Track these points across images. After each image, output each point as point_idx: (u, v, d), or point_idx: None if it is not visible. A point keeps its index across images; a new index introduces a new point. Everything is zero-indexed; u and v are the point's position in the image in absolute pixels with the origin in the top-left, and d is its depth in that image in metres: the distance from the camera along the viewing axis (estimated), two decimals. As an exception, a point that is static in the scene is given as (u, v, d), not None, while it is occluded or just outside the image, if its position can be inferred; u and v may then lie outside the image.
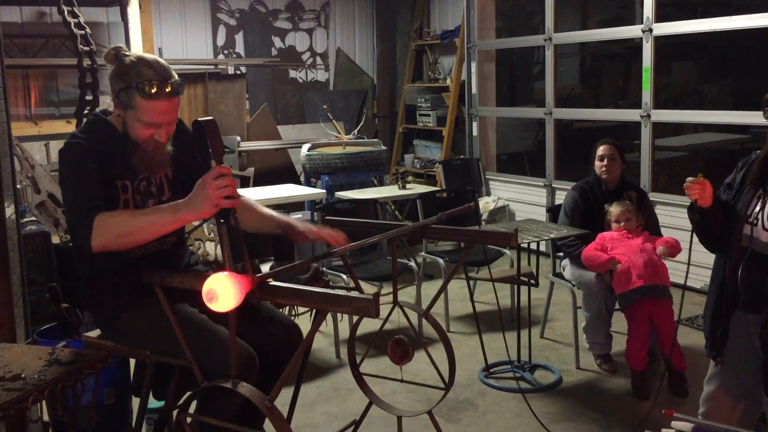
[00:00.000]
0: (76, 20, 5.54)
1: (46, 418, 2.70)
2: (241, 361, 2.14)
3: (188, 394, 2.25)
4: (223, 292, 1.87)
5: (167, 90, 2.19)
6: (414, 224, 2.64)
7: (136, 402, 2.56)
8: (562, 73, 7.23)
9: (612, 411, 3.49)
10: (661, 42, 5.50)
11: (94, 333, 2.53)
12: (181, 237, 2.52)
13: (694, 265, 4.69)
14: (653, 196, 5.34)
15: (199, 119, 2.02)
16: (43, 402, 2.20)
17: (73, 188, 2.19)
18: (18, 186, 3.49)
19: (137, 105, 2.20)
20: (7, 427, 2.30)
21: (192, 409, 2.25)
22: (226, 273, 1.89)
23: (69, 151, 2.23)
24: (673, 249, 3.73)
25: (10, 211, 2.82)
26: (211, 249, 6.00)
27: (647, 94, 5.49)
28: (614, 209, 3.93)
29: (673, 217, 5.22)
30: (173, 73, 2.25)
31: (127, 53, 2.24)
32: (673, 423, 1.62)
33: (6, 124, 2.84)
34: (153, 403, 2.74)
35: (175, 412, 2.28)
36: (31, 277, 4.00)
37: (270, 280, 1.97)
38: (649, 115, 5.50)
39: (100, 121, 2.32)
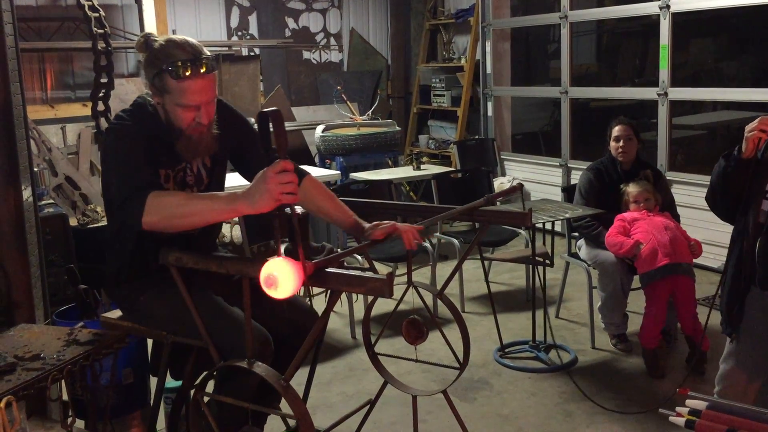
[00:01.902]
0: (90, 3, 5.54)
1: (65, 397, 2.73)
2: (256, 344, 2.15)
3: (205, 373, 2.27)
4: (283, 278, 1.83)
5: (199, 68, 2.13)
6: (463, 207, 2.60)
7: (154, 381, 2.59)
8: (577, 51, 7.16)
9: (627, 390, 3.49)
10: (679, 18, 5.42)
11: (112, 314, 2.56)
12: (213, 226, 2.47)
13: (711, 244, 4.67)
14: (670, 176, 5.30)
15: (264, 110, 1.93)
16: (63, 381, 2.23)
17: (122, 166, 2.13)
18: (35, 169, 3.52)
19: (172, 88, 2.14)
20: (28, 406, 2.34)
21: (209, 388, 2.27)
22: (283, 258, 1.84)
23: (116, 131, 2.20)
24: (699, 250, 3.71)
25: (27, 193, 2.84)
26: (227, 231, 6.03)
27: (664, 72, 5.43)
28: (632, 189, 3.89)
29: (690, 196, 5.17)
30: (204, 50, 2.18)
31: (155, 38, 2.18)
32: (688, 401, 1.61)
33: (22, 107, 2.86)
34: (170, 382, 2.78)
35: (192, 392, 2.31)
36: (49, 259, 4.04)
37: (324, 267, 1.92)
38: (666, 93, 5.44)
39: (146, 107, 2.27)
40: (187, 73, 2.11)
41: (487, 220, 2.71)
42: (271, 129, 1.91)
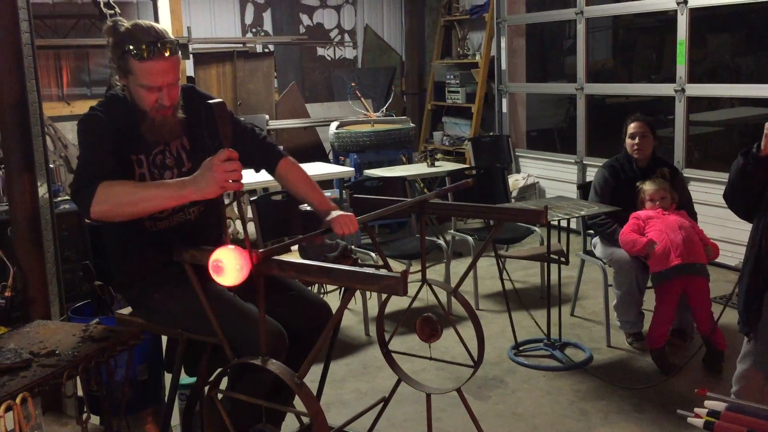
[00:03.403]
0: (105, 0, 5.57)
1: (80, 393, 2.75)
2: (270, 339, 2.15)
3: (219, 370, 2.27)
4: (229, 265, 1.90)
5: (162, 51, 2.19)
6: (412, 199, 2.65)
7: (168, 378, 2.60)
8: (593, 47, 7.11)
9: (643, 389, 3.46)
10: (696, 14, 5.37)
11: (127, 310, 2.57)
12: (211, 205, 2.47)
13: (728, 242, 4.62)
14: (687, 173, 5.25)
15: (209, 101, 2.03)
16: (78, 378, 2.24)
17: (83, 156, 2.23)
18: (51, 165, 3.53)
19: (135, 69, 2.21)
20: (43, 402, 2.35)
21: (223, 385, 2.27)
22: (231, 247, 1.92)
23: (84, 122, 2.27)
24: (716, 253, 3.68)
25: (43, 190, 2.86)
26: (241, 227, 6.05)
27: (682, 68, 5.38)
28: (648, 187, 3.86)
29: (707, 193, 5.12)
30: (168, 34, 2.25)
31: (123, 23, 2.25)
32: (706, 402, 1.59)
33: (38, 104, 2.88)
34: (185, 379, 2.78)
35: (206, 389, 2.31)
36: (65, 255, 4.07)
37: (273, 255, 1.99)
38: (683, 90, 5.38)
39: (116, 95, 2.35)
40: (147, 53, 2.18)
41: (502, 217, 2.69)
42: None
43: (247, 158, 2.04)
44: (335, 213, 2.44)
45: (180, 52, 2.28)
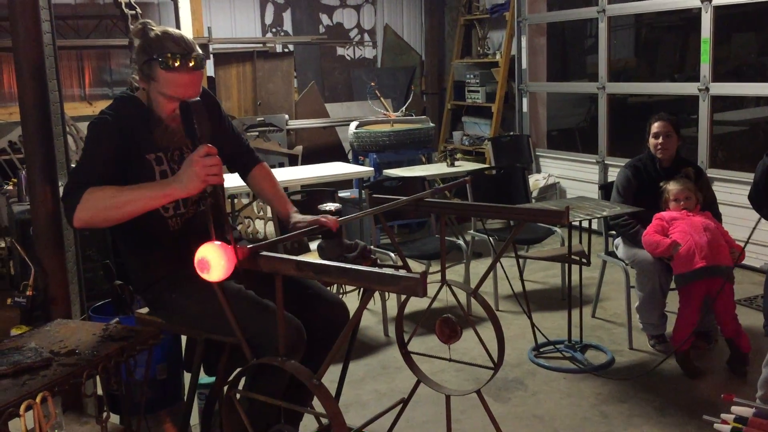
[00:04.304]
0: (126, 1, 5.61)
1: (100, 392, 2.76)
2: (289, 334, 2.14)
3: (238, 370, 2.27)
4: (214, 261, 1.91)
5: (189, 63, 2.20)
6: (406, 198, 2.64)
7: (187, 377, 2.60)
8: (615, 46, 7.05)
9: (666, 392, 3.41)
10: (721, 12, 5.29)
11: (147, 309, 2.57)
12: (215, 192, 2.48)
13: (754, 244, 4.54)
14: (711, 173, 5.18)
15: (187, 100, 2.07)
16: (97, 377, 2.24)
17: (80, 161, 2.26)
18: (72, 165, 3.55)
19: (159, 78, 2.22)
20: (63, 401, 2.36)
21: (242, 385, 2.26)
22: (216, 243, 1.92)
23: (92, 125, 2.28)
24: (741, 256, 3.62)
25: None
26: (261, 226, 6.05)
27: (706, 67, 5.30)
28: (672, 187, 3.80)
29: (731, 194, 5.05)
30: (197, 47, 2.27)
31: (152, 28, 2.26)
32: (733, 408, 1.56)
33: (59, 104, 2.89)
34: (204, 378, 2.78)
35: (225, 388, 2.30)
36: (86, 254, 4.09)
37: (258, 251, 2.00)
38: (707, 89, 5.31)
39: (128, 97, 2.37)
40: (176, 65, 2.19)
41: (523, 218, 2.66)
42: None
43: (228, 161, 2.07)
44: (298, 216, 2.51)
45: (205, 66, 2.30)
